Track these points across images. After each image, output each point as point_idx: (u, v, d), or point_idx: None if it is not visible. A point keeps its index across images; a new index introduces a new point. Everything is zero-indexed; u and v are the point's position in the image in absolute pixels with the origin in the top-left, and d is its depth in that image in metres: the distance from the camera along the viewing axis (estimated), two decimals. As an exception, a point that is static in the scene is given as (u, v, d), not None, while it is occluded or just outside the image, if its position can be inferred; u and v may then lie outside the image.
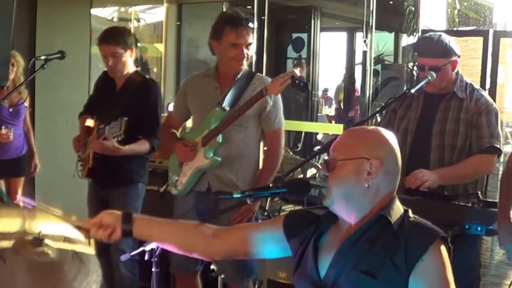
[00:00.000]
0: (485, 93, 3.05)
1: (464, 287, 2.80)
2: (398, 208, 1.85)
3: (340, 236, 1.87)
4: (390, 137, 1.89)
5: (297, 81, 3.00)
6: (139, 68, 4.14)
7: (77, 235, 2.23)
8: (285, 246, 1.98)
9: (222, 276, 1.53)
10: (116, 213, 2.04)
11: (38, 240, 1.98)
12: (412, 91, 2.79)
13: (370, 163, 1.81)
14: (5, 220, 2.09)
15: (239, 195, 1.92)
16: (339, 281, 1.80)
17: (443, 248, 1.77)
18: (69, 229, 2.22)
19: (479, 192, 2.72)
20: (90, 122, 3.88)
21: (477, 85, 3.10)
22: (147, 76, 3.94)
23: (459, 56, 2.98)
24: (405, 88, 5.65)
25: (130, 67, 3.80)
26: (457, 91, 2.96)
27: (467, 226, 2.49)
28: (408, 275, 1.72)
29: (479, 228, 2.48)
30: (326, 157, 1.92)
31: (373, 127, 2.07)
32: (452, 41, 2.97)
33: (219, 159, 3.23)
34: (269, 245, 2.02)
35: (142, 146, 3.67)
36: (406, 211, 1.86)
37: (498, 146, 2.89)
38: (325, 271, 1.84)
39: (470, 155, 2.91)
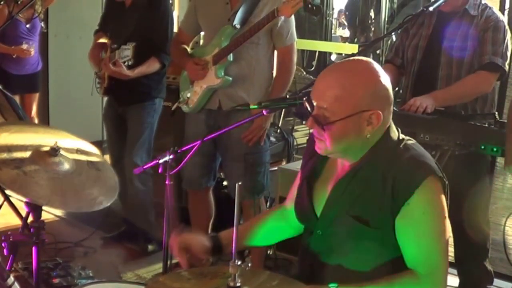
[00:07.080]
0: (498, 11, 2.97)
1: (474, 211, 2.85)
2: (390, 141, 1.71)
3: (335, 173, 1.80)
4: (380, 73, 1.66)
5: (309, 5, 2.89)
6: None
7: (92, 148, 2.26)
8: None
9: (240, 184, 1.50)
10: (205, 243, 1.89)
11: (54, 151, 2.02)
12: (430, 9, 2.74)
13: (369, 115, 1.62)
14: (21, 133, 2.13)
15: (256, 106, 1.90)
16: (334, 224, 1.74)
17: (432, 188, 1.63)
18: (83, 143, 2.25)
19: (496, 113, 2.68)
20: (104, 39, 3.88)
21: (491, 4, 3.00)
22: None
23: None
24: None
25: None
26: (469, 8, 2.90)
27: (482, 147, 2.47)
28: (394, 217, 1.64)
29: (494, 149, 2.45)
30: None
31: (355, 59, 1.70)
32: None
33: (230, 78, 3.18)
34: None
35: (151, 66, 3.71)
36: (399, 142, 1.71)
37: (499, 64, 2.81)
38: (321, 210, 1.79)
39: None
